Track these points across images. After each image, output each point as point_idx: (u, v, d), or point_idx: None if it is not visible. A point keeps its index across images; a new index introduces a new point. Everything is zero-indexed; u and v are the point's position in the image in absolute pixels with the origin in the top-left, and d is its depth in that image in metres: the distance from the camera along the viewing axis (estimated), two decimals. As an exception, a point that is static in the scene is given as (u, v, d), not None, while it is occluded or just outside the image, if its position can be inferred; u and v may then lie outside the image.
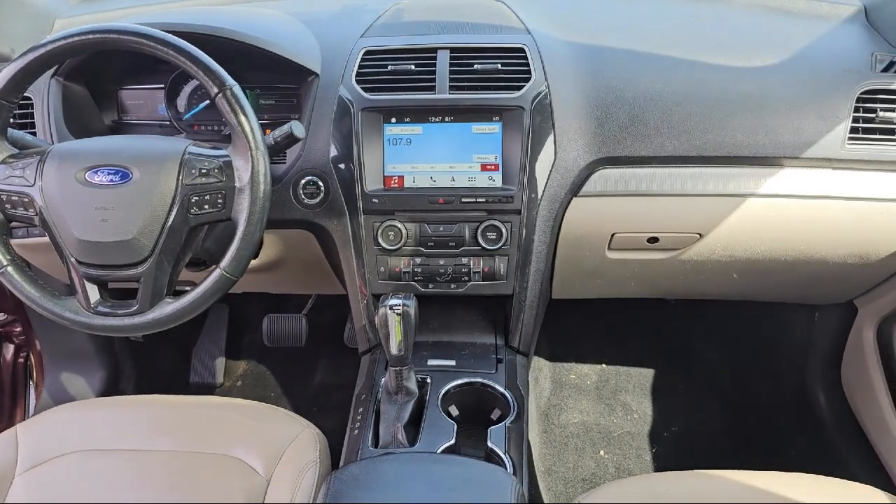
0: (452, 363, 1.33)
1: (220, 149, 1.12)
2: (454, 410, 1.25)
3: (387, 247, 1.31)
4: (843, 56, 1.32)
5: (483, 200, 1.28)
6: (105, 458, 1.19)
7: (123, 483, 1.16)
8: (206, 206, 1.09)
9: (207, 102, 1.41)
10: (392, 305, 1.12)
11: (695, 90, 1.29)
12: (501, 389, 1.26)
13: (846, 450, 1.74)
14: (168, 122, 1.43)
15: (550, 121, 1.26)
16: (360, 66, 1.30)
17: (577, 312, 1.97)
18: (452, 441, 1.13)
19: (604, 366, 2.09)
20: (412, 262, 1.32)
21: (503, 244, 1.30)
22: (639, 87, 1.29)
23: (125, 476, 1.16)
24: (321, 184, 1.30)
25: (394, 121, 1.28)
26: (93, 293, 1.12)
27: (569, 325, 2.09)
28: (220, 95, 1.06)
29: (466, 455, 1.14)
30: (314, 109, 1.30)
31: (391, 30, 1.40)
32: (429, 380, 1.26)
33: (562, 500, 1.74)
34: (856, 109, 1.27)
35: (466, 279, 1.33)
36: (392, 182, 1.29)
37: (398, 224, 1.30)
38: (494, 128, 1.27)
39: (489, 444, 1.14)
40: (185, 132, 1.43)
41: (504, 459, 1.12)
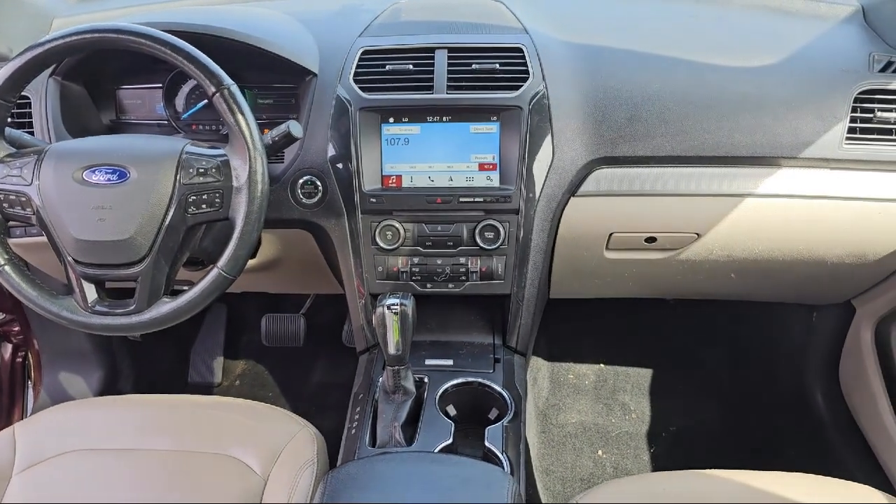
0: (450, 363, 1.33)
1: (218, 148, 1.12)
2: (452, 410, 1.25)
3: (385, 246, 1.31)
4: (841, 56, 1.32)
5: (481, 200, 1.28)
6: (102, 458, 1.19)
7: (121, 482, 1.16)
8: (204, 206, 1.09)
9: (205, 102, 1.41)
10: (390, 305, 1.12)
11: (693, 90, 1.29)
12: (499, 389, 1.26)
13: (844, 449, 1.74)
14: (166, 122, 1.43)
15: (548, 120, 1.26)
16: (358, 66, 1.30)
17: (576, 312, 1.97)
18: (450, 441, 1.13)
19: (602, 366, 2.09)
20: (410, 262, 1.32)
21: (501, 244, 1.30)
22: (637, 87, 1.29)
23: (122, 475, 1.17)
24: (319, 183, 1.30)
25: (391, 120, 1.28)
26: (90, 292, 1.12)
27: (567, 325, 2.09)
28: (218, 95, 1.06)
29: (464, 455, 1.14)
30: (312, 109, 1.30)
31: (389, 29, 1.40)
32: (426, 379, 1.26)
33: (560, 500, 1.74)
34: (853, 109, 1.27)
35: (464, 279, 1.33)
36: (390, 182, 1.29)
37: (396, 224, 1.30)
38: (492, 128, 1.27)
39: (486, 444, 1.14)
40: (184, 132, 1.43)
41: (501, 459, 1.12)
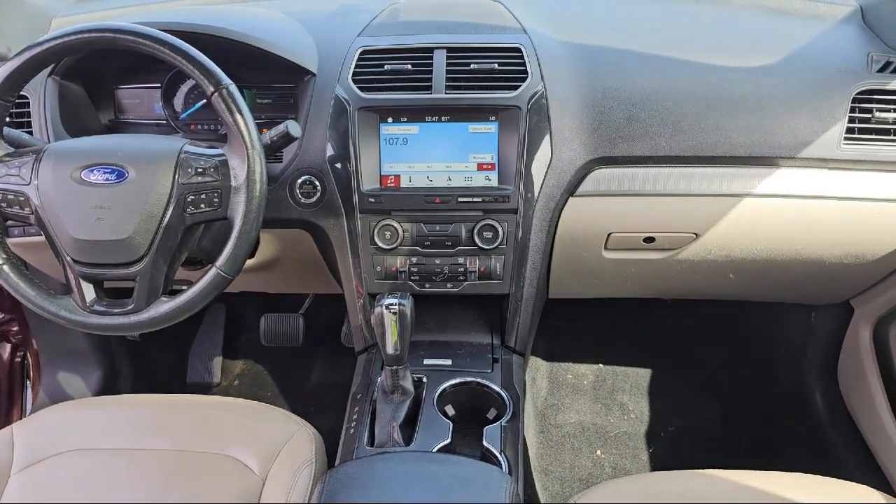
0: (448, 363, 1.33)
1: (217, 148, 1.12)
2: (450, 410, 1.25)
3: (383, 246, 1.31)
4: (840, 56, 1.32)
5: (479, 200, 1.28)
6: (101, 458, 1.19)
7: (119, 482, 1.16)
8: (203, 205, 1.09)
9: (204, 102, 1.41)
10: (388, 305, 1.12)
11: (692, 90, 1.29)
12: (497, 389, 1.26)
13: (842, 449, 1.74)
14: (165, 122, 1.43)
15: (547, 120, 1.26)
16: (357, 66, 1.30)
17: (575, 312, 1.97)
18: (448, 440, 1.13)
19: (601, 366, 2.09)
20: (408, 262, 1.32)
21: (499, 244, 1.30)
22: (635, 87, 1.29)
23: (121, 475, 1.16)
24: (317, 183, 1.30)
25: (390, 120, 1.28)
26: (88, 292, 1.12)
27: (566, 325, 2.09)
28: (216, 94, 1.06)
29: (462, 454, 1.14)
30: (311, 109, 1.30)
31: (388, 29, 1.40)
32: (425, 379, 1.26)
33: (558, 500, 1.74)
34: (852, 110, 1.27)
35: (463, 279, 1.33)
36: (388, 181, 1.29)
37: (395, 223, 1.30)
38: (491, 127, 1.27)
39: (485, 444, 1.14)
40: (182, 131, 1.42)
41: (499, 459, 1.12)
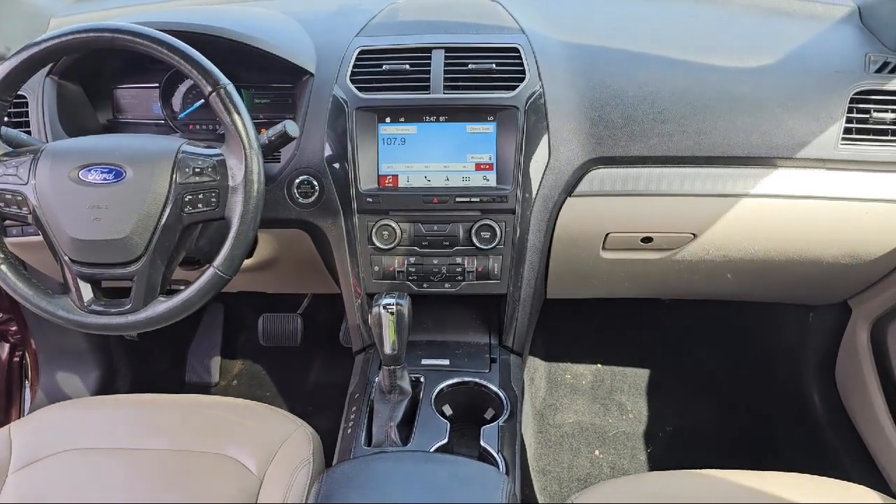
0: (446, 362, 1.33)
1: (215, 148, 1.12)
2: (448, 410, 1.25)
3: (381, 246, 1.31)
4: (838, 57, 1.32)
5: (477, 200, 1.28)
6: (98, 457, 1.19)
7: (117, 482, 1.15)
8: (200, 205, 1.09)
9: (202, 102, 1.41)
10: (386, 304, 1.12)
11: (689, 90, 1.29)
12: (495, 389, 1.26)
13: (840, 449, 1.74)
14: (163, 122, 1.43)
15: (545, 121, 1.26)
16: (355, 66, 1.30)
17: (573, 312, 1.97)
18: (445, 440, 1.13)
19: (599, 366, 2.09)
20: (406, 262, 1.32)
21: (497, 244, 1.30)
22: (633, 87, 1.29)
23: (119, 475, 1.16)
24: (315, 183, 1.30)
25: (388, 120, 1.28)
26: (86, 292, 1.12)
27: (564, 326, 2.09)
28: (214, 94, 1.06)
29: (460, 454, 1.14)
30: (309, 109, 1.30)
31: (386, 29, 1.40)
32: (422, 379, 1.26)
33: (556, 500, 1.74)
34: (849, 110, 1.27)
35: (460, 279, 1.33)
36: (386, 181, 1.29)
37: (392, 223, 1.30)
38: (489, 127, 1.27)
39: (482, 444, 1.14)
40: (181, 131, 1.42)
41: (497, 458, 1.12)
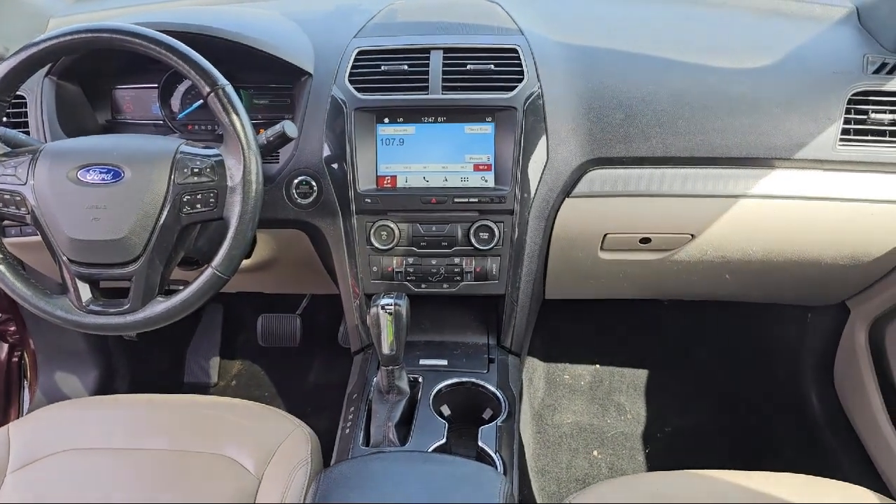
0: (444, 363, 1.33)
1: (213, 148, 1.12)
2: (446, 410, 1.25)
3: (379, 246, 1.31)
4: (836, 57, 1.32)
5: (475, 200, 1.28)
6: (97, 457, 1.19)
7: (115, 482, 1.16)
8: (198, 206, 1.09)
9: (201, 102, 1.41)
10: (384, 305, 1.12)
11: (688, 91, 1.29)
12: (493, 389, 1.26)
13: (838, 450, 1.74)
14: (162, 122, 1.43)
15: (543, 121, 1.27)
16: (354, 66, 1.31)
17: (572, 313, 1.97)
18: (443, 440, 1.13)
19: (597, 366, 2.09)
20: (405, 262, 1.32)
21: (495, 244, 1.30)
22: (632, 88, 1.29)
23: (117, 475, 1.17)
24: (314, 183, 1.30)
25: (386, 121, 1.28)
26: (84, 292, 1.12)
27: (563, 326, 2.09)
28: (212, 95, 1.06)
29: (458, 454, 1.14)
30: (307, 109, 1.31)
31: (384, 30, 1.40)
32: (420, 379, 1.26)
33: (555, 500, 1.74)
34: (847, 111, 1.27)
35: (459, 279, 1.33)
36: (385, 182, 1.30)
37: (391, 224, 1.30)
38: (487, 128, 1.27)
39: (480, 444, 1.14)
40: (179, 132, 1.43)
41: (495, 459, 1.12)
